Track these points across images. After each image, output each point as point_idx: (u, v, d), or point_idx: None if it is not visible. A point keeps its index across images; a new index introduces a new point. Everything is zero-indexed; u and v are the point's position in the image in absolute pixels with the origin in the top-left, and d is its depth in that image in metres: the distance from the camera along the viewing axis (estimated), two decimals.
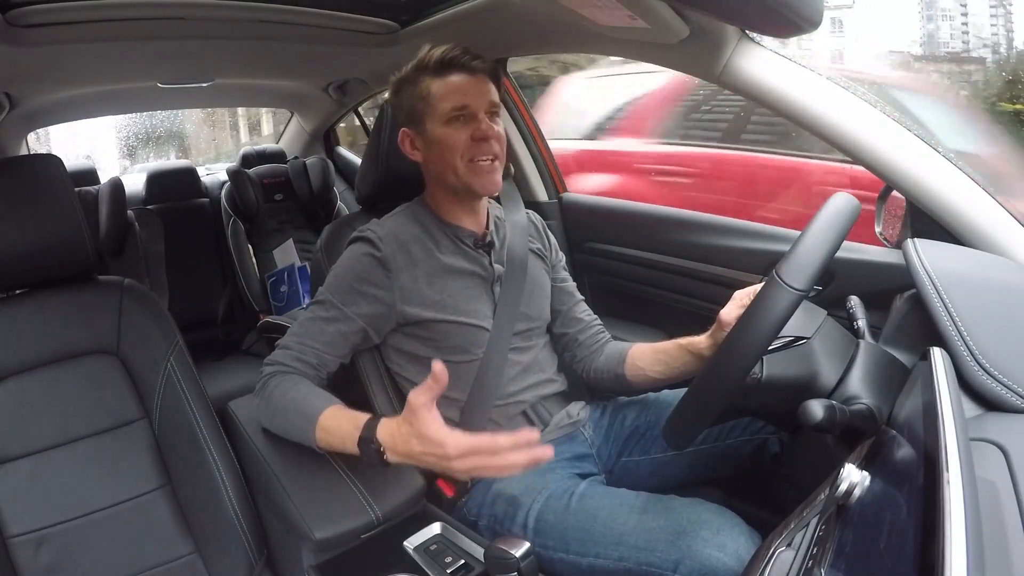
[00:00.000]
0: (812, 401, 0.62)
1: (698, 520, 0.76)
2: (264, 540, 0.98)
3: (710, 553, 0.73)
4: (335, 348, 0.91)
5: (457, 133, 0.92)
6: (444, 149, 0.93)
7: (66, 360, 0.96)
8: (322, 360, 0.90)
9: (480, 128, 0.91)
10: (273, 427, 0.89)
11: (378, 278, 0.92)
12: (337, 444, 0.80)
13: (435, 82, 0.93)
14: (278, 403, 0.86)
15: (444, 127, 0.92)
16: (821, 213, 0.67)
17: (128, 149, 3.45)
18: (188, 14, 1.20)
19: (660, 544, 0.76)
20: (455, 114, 0.92)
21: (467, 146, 0.92)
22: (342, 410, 0.82)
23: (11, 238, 0.91)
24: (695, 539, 0.74)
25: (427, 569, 0.75)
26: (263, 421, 0.90)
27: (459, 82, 0.92)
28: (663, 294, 1.41)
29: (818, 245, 0.64)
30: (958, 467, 0.41)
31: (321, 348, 0.90)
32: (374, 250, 0.92)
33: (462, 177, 0.93)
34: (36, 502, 0.90)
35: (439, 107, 0.92)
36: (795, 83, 0.89)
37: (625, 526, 0.79)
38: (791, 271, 0.63)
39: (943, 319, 0.69)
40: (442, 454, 0.69)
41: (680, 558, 0.74)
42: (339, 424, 0.80)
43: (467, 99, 0.91)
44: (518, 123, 1.60)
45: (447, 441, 0.69)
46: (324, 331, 0.90)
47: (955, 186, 0.85)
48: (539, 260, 1.08)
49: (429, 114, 0.93)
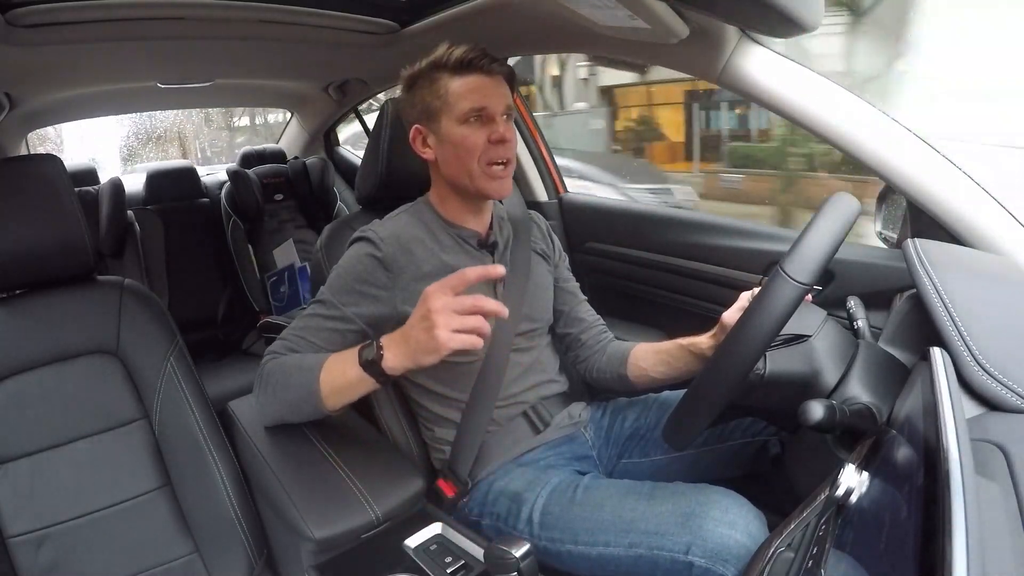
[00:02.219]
0: (812, 401, 0.62)
1: (707, 501, 0.76)
2: (264, 540, 0.99)
3: (722, 532, 0.73)
4: (332, 346, 0.91)
5: (474, 134, 0.91)
6: (460, 149, 0.92)
7: (66, 360, 0.96)
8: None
9: (498, 131, 0.91)
10: (276, 408, 0.88)
11: (379, 278, 0.92)
12: (338, 376, 0.82)
13: (454, 81, 0.92)
14: (277, 377, 0.86)
15: (461, 127, 0.92)
16: (822, 211, 0.67)
17: (131, 149, 3.44)
18: (188, 14, 1.20)
19: (671, 527, 0.76)
20: (473, 115, 0.91)
21: (484, 148, 0.91)
22: (341, 351, 0.84)
23: (11, 238, 0.91)
24: (705, 519, 0.74)
25: (427, 569, 0.75)
26: (266, 410, 0.89)
27: (478, 83, 0.92)
28: (663, 294, 1.41)
29: (821, 240, 0.64)
30: (958, 467, 0.41)
31: (318, 344, 0.90)
32: (375, 250, 0.92)
33: (475, 180, 0.93)
34: (36, 502, 0.90)
35: (457, 106, 0.91)
36: (795, 83, 0.89)
37: (634, 512, 0.79)
38: (795, 265, 0.63)
39: (943, 319, 0.69)
40: (424, 297, 0.72)
41: (692, 540, 0.74)
42: (340, 358, 0.83)
43: (486, 100, 0.91)
44: (518, 123, 1.60)
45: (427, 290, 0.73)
46: (323, 328, 0.90)
47: (955, 186, 0.84)
48: (542, 260, 1.08)
49: (446, 112, 0.92)
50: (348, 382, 0.81)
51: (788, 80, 0.89)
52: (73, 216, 0.95)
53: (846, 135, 0.88)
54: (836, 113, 0.88)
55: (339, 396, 0.83)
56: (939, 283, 0.71)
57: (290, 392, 0.85)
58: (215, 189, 2.40)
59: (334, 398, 0.83)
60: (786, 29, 0.78)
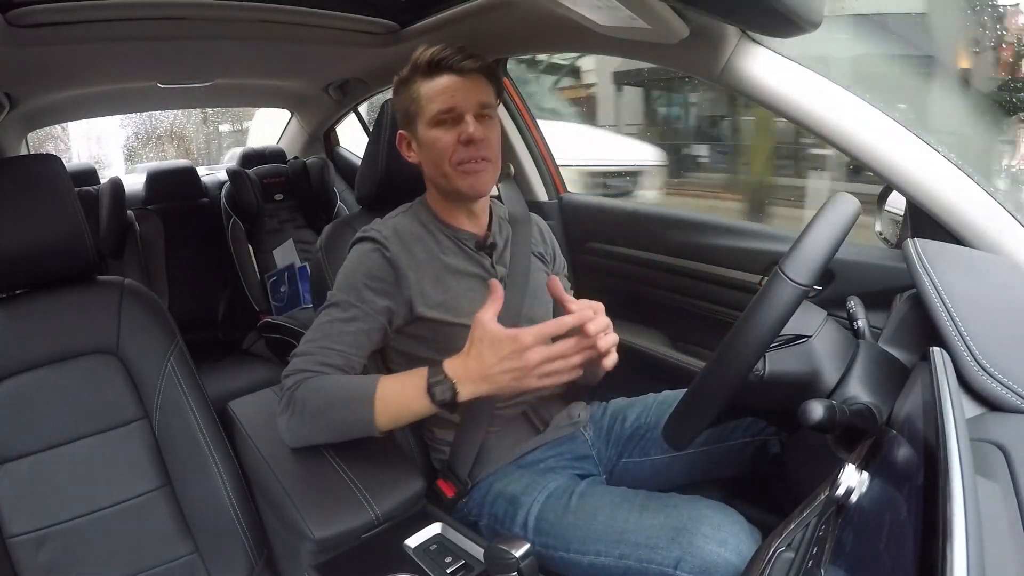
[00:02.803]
0: (812, 401, 0.62)
1: (699, 517, 0.76)
2: (264, 540, 0.99)
3: (711, 549, 0.73)
4: (360, 348, 0.88)
5: (444, 135, 0.91)
6: (432, 152, 0.93)
7: (66, 360, 0.96)
8: (348, 362, 0.87)
9: (467, 131, 0.90)
10: (314, 434, 0.84)
11: (388, 274, 0.91)
12: (400, 408, 0.80)
13: (424, 84, 0.92)
14: (317, 404, 0.81)
15: (432, 129, 0.92)
16: (823, 211, 0.67)
17: (131, 149, 3.45)
18: (188, 14, 1.20)
19: (661, 541, 0.76)
20: (442, 116, 0.91)
21: (454, 149, 0.91)
22: (393, 376, 0.82)
23: (11, 238, 0.91)
24: (696, 535, 0.74)
25: (427, 569, 0.75)
26: (298, 434, 0.84)
27: (447, 83, 0.91)
28: (663, 294, 1.41)
29: (821, 241, 0.64)
30: (958, 467, 0.41)
31: (345, 349, 0.87)
32: (382, 248, 0.92)
33: (450, 180, 0.93)
34: (36, 502, 0.90)
35: (427, 109, 0.92)
36: (795, 83, 0.89)
37: (626, 524, 0.79)
38: (794, 266, 0.63)
39: (943, 319, 0.69)
40: (518, 347, 0.72)
41: (681, 555, 0.74)
42: (398, 387, 0.80)
43: (454, 101, 0.91)
44: (518, 123, 1.60)
45: (521, 333, 0.72)
46: (345, 332, 0.87)
47: (955, 186, 0.84)
48: (541, 264, 1.08)
49: (420, 116, 0.93)
50: (413, 414, 0.80)
51: (788, 80, 0.89)
52: (73, 216, 0.95)
53: (846, 135, 0.88)
54: (836, 113, 0.88)
55: (397, 424, 0.83)
56: (939, 283, 0.71)
57: (335, 422, 0.82)
58: (215, 189, 2.40)
59: (390, 426, 0.82)
60: (786, 29, 0.78)
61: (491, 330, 0.74)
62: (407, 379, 0.80)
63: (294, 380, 0.84)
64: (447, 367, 0.78)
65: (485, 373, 0.75)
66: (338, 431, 0.83)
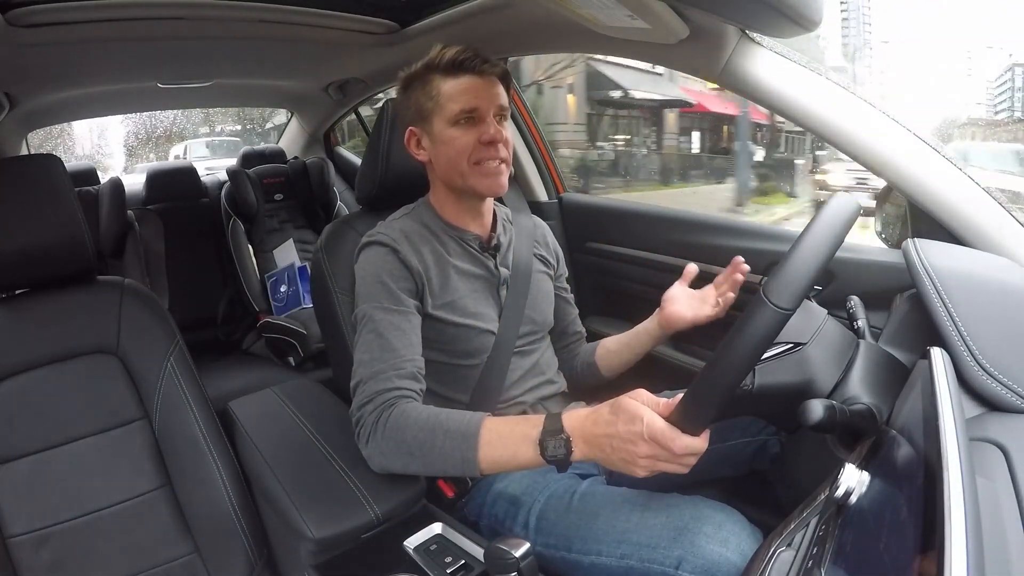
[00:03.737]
0: (812, 401, 0.61)
1: (700, 516, 0.76)
2: (264, 540, 0.99)
3: (713, 549, 0.73)
4: (418, 348, 0.86)
5: (464, 135, 0.91)
6: (450, 150, 0.92)
7: (66, 360, 0.96)
8: (417, 365, 0.86)
9: (488, 132, 0.91)
10: (409, 465, 0.80)
11: (404, 273, 0.91)
12: (506, 453, 0.75)
13: (446, 82, 0.92)
14: (415, 436, 0.78)
15: (452, 128, 0.92)
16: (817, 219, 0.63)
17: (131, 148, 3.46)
18: (188, 14, 1.20)
19: (663, 541, 0.76)
20: (463, 116, 0.91)
21: (474, 148, 0.91)
22: (502, 419, 0.78)
23: (11, 238, 0.91)
24: (698, 535, 0.74)
25: (427, 569, 0.75)
26: (390, 461, 0.81)
27: (469, 84, 0.91)
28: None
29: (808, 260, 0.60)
30: (958, 467, 0.41)
31: (407, 354, 0.85)
32: (394, 248, 0.92)
33: (467, 178, 0.93)
34: (36, 502, 0.90)
35: (448, 107, 0.91)
36: (795, 83, 0.89)
37: (627, 523, 0.79)
38: (777, 289, 0.59)
39: (943, 319, 0.69)
40: (641, 446, 0.65)
41: (683, 555, 0.73)
42: (507, 430, 0.75)
43: (476, 101, 0.91)
44: (518, 123, 1.60)
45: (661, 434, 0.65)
46: (395, 338, 0.85)
47: (955, 186, 0.85)
48: (543, 266, 1.09)
49: (437, 113, 0.92)
50: (519, 464, 0.75)
51: (788, 80, 0.89)
52: (73, 216, 0.95)
53: (846, 135, 0.88)
54: (836, 113, 0.88)
55: (496, 469, 0.77)
56: (939, 283, 0.71)
57: (434, 456, 0.78)
58: (215, 189, 2.40)
59: (492, 470, 0.78)
60: (786, 28, 0.78)
61: (638, 407, 0.67)
62: (516, 424, 0.75)
63: (375, 405, 0.81)
64: (566, 421, 0.71)
65: (600, 441, 0.69)
66: (435, 467, 0.79)
